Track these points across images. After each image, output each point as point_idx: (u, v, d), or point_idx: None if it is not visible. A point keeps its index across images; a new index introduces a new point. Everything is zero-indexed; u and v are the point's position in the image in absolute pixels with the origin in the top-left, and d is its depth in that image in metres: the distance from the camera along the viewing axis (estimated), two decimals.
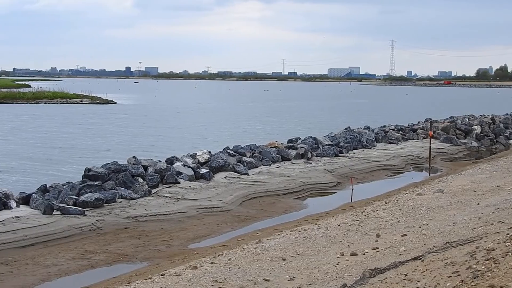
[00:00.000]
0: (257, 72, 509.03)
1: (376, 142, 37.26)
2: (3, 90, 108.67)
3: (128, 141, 43.00)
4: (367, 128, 41.33)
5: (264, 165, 28.26)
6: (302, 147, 31.27)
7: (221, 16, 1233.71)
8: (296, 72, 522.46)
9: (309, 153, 30.87)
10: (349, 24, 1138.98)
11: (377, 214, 17.43)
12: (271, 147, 30.77)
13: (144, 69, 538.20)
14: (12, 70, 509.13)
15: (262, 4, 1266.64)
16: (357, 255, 12.62)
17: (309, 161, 30.08)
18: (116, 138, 45.07)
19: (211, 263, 13.13)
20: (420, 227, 14.59)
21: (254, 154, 29.19)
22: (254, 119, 66.51)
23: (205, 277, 11.91)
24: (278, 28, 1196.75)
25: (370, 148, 35.47)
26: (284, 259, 13.02)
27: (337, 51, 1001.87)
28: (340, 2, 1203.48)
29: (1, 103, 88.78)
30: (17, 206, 19.11)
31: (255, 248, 14.44)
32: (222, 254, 14.13)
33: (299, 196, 23.97)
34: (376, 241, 13.77)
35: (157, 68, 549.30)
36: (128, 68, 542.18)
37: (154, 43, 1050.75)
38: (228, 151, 28.59)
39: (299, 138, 35.01)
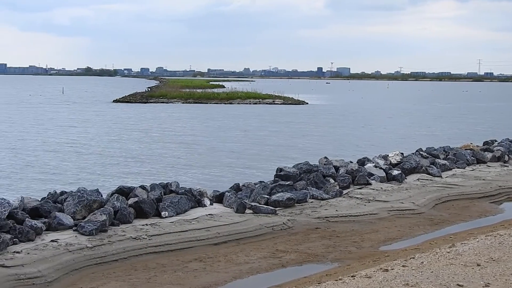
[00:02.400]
0: (452, 73, 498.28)
1: None
2: (198, 90, 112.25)
3: (319, 141, 43.23)
4: None
5: (458, 168, 27.54)
6: (499, 149, 30.26)
7: (414, 15, 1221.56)
8: (492, 73, 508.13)
9: (506, 156, 29.83)
10: None
11: None
12: (465, 149, 29.98)
13: (335, 70, 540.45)
14: (206, 71, 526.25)
15: (457, 3, 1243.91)
16: None
17: (505, 164, 29.05)
18: (307, 138, 45.41)
19: (403, 266, 12.89)
20: None
21: (448, 156, 28.53)
22: (449, 120, 65.16)
23: (396, 280, 11.70)
24: (473, 27, 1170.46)
25: None
26: (478, 265, 12.60)
27: None
28: None
29: (196, 103, 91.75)
30: (211, 204, 19.56)
31: (448, 252, 14.07)
32: (413, 257, 13.85)
33: (494, 200, 23.13)
34: None
35: (349, 68, 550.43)
36: (319, 69, 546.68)
37: (346, 44, 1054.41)
38: (421, 152, 28.09)
39: (495, 140, 33.90)
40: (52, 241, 14.94)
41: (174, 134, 47.67)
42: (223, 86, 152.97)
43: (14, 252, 14.01)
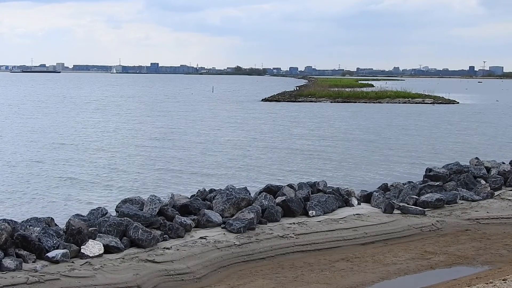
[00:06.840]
0: None
1: None
2: (347, 89, 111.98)
3: (470, 141, 42.36)
4: None
5: None
6: None
7: None
8: None
9: None
10: None
11: None
12: None
13: (488, 69, 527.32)
14: (355, 70, 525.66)
15: None
16: None
17: None
18: (458, 138, 44.51)
19: None
20: None
21: None
22: None
23: None
24: None
25: None
26: None
27: None
28: None
29: (345, 102, 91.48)
30: (358, 203, 19.49)
31: None
32: None
33: None
34: None
35: (502, 67, 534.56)
36: (471, 68, 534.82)
37: (499, 42, 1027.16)
38: None
39: None
40: (201, 238, 15.26)
41: (337, 132, 47.78)
42: (372, 85, 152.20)
43: (164, 248, 14.40)
